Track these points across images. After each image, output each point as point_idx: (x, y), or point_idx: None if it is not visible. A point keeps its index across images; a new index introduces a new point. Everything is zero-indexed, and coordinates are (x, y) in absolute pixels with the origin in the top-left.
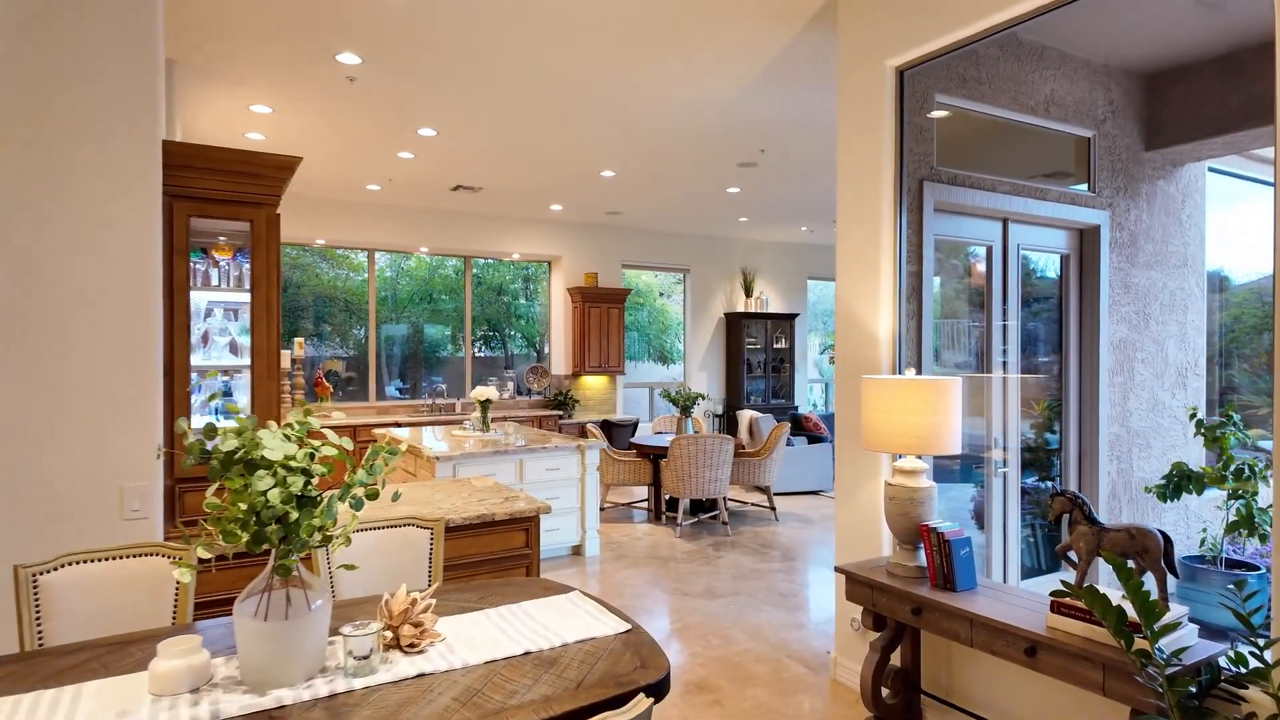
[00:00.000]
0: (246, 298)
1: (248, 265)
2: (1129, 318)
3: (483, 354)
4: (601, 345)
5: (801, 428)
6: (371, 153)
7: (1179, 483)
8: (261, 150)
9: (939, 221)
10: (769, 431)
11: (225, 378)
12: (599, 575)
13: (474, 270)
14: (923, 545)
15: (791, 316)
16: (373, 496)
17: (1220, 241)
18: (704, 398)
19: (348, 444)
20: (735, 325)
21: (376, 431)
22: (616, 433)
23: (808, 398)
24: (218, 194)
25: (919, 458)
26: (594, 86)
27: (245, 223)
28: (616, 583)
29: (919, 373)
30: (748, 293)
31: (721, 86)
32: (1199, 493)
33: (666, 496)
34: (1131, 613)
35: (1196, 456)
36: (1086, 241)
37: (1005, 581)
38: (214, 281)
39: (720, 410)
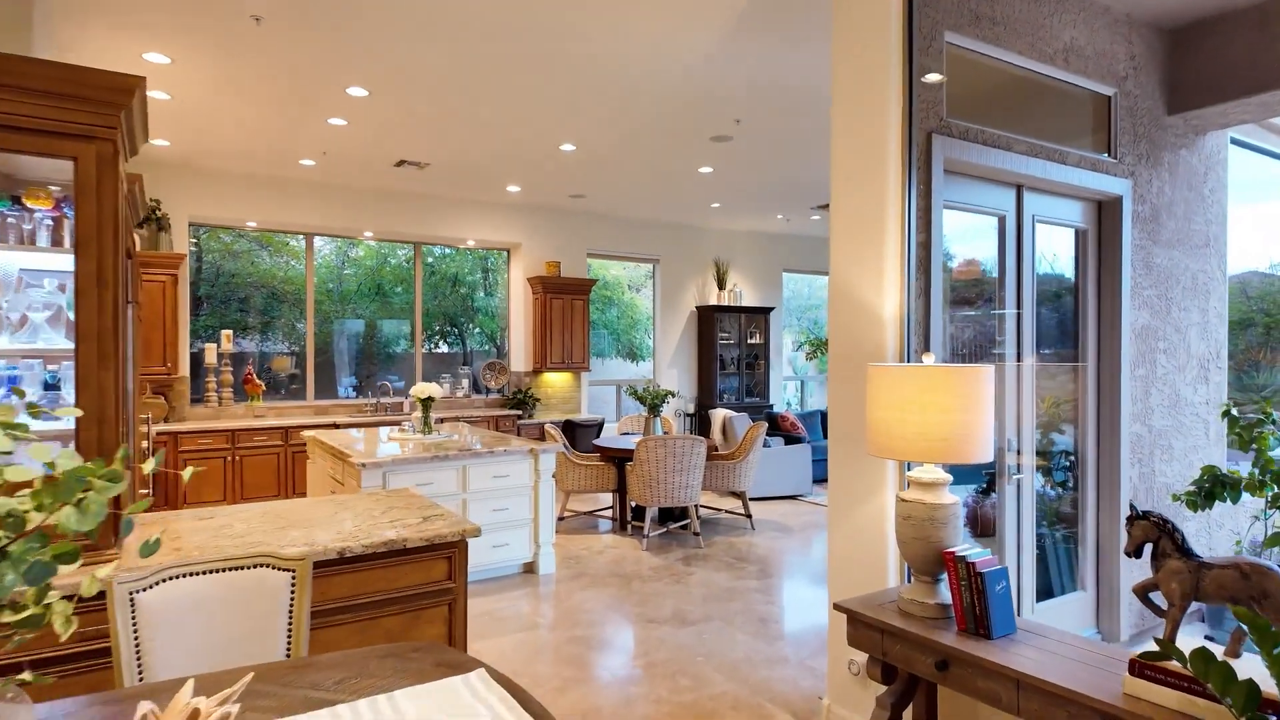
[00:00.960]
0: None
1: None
2: (1150, 302)
3: (440, 350)
4: (564, 339)
5: (778, 428)
6: (298, 118)
7: (1211, 489)
8: (130, 84)
9: (945, 188)
10: (744, 432)
11: (53, 367)
12: (553, 597)
13: (428, 259)
14: (947, 577)
15: (766, 310)
16: (67, 556)
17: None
18: (674, 395)
19: (272, 444)
20: (708, 319)
21: (307, 434)
22: (580, 434)
23: (783, 396)
24: (24, 120)
25: (941, 467)
26: (543, 36)
27: (67, 160)
28: (572, 607)
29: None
30: (720, 285)
31: (691, 39)
32: (1235, 500)
33: (633, 504)
34: (1271, 687)
35: (1219, 458)
36: (1106, 215)
37: (1020, 608)
38: (41, 242)
39: (691, 409)
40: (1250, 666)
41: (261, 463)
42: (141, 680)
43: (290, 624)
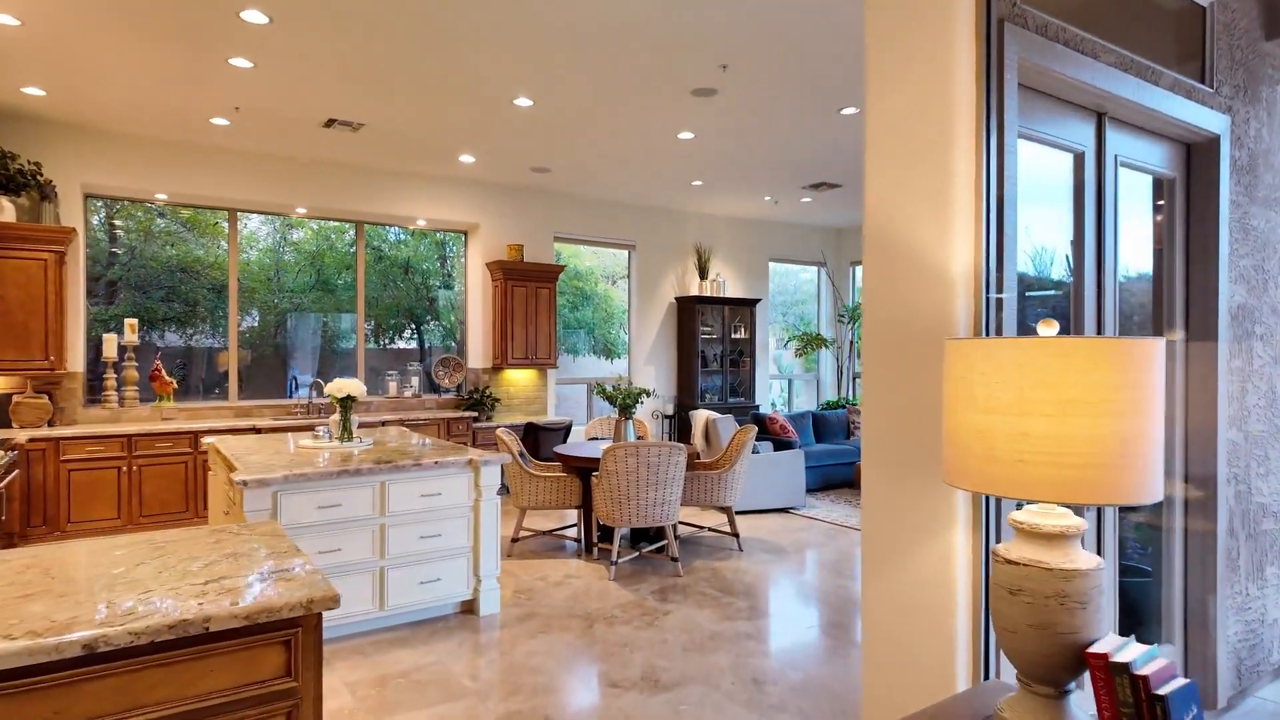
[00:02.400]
0: None
1: None
2: (1246, 275)
3: (396, 346)
4: (528, 332)
5: (766, 431)
6: (192, 57)
7: None
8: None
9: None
10: (730, 437)
11: None
12: (495, 648)
13: (375, 243)
14: (1094, 696)
15: (752, 302)
16: None
17: None
18: (648, 394)
19: None
20: (688, 311)
21: (208, 440)
22: (545, 438)
23: (769, 396)
24: None
25: (1076, 509)
26: None
27: None
28: (516, 663)
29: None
30: (702, 274)
31: None
32: None
33: (600, 523)
34: None
35: None
36: (1198, 160)
37: None
38: None
39: (670, 410)
40: None
41: (165, 474)
42: None
43: None
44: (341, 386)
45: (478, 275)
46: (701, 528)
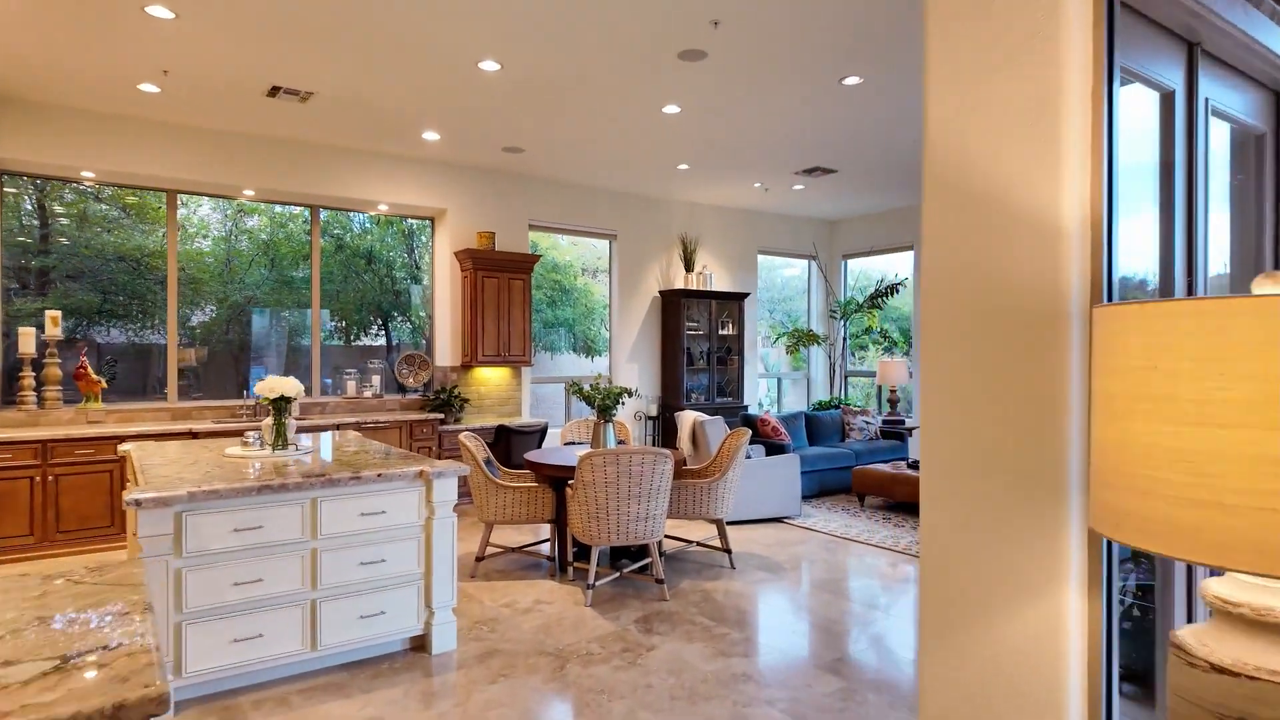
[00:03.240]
0: None
1: None
2: None
3: (361, 343)
4: (500, 327)
5: (757, 434)
6: (102, 2)
7: None
8: None
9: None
10: (720, 441)
11: None
12: (449, 696)
13: (336, 231)
14: None
15: (740, 296)
16: None
17: None
18: (629, 394)
19: None
20: (673, 306)
21: (124, 448)
22: (517, 443)
23: (758, 396)
24: None
25: None
26: None
27: None
28: (471, 716)
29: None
30: (688, 266)
31: None
32: None
33: (575, 543)
34: None
35: None
36: None
37: None
38: None
39: (654, 411)
40: None
41: (86, 484)
42: None
43: None
44: (273, 386)
45: (445, 265)
46: (689, 542)
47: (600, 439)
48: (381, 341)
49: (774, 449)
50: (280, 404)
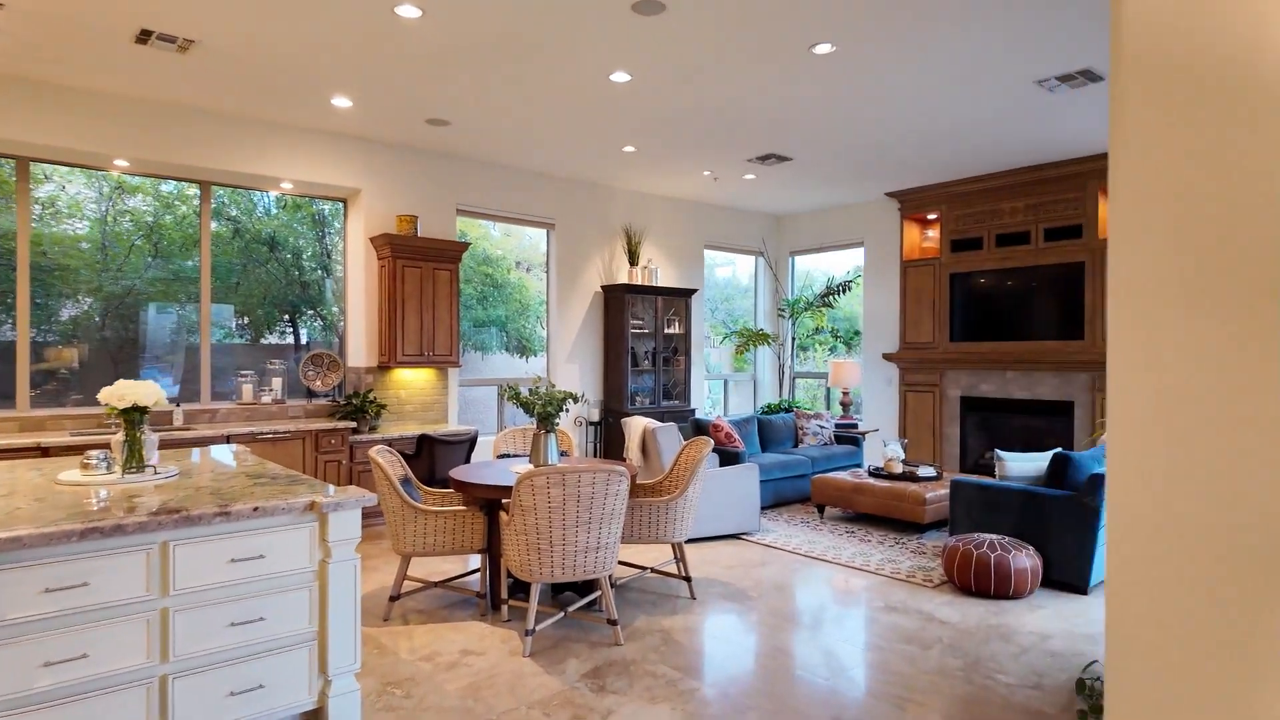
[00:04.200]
0: None
1: None
2: None
3: (269, 341)
4: (424, 323)
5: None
6: None
7: None
8: None
9: None
10: (675, 451)
11: None
12: None
13: (234, 213)
14: None
15: (688, 293)
16: None
17: None
18: (575, 399)
19: None
20: (617, 302)
21: None
22: (443, 454)
23: (705, 398)
24: None
25: None
26: None
27: None
28: None
29: None
30: (633, 260)
31: None
32: None
33: (510, 576)
34: None
35: None
36: None
37: None
38: None
39: (596, 416)
40: None
41: None
42: None
43: None
44: (123, 392)
45: (360, 253)
46: (643, 569)
47: (541, 453)
48: (290, 340)
49: (728, 458)
50: (133, 415)
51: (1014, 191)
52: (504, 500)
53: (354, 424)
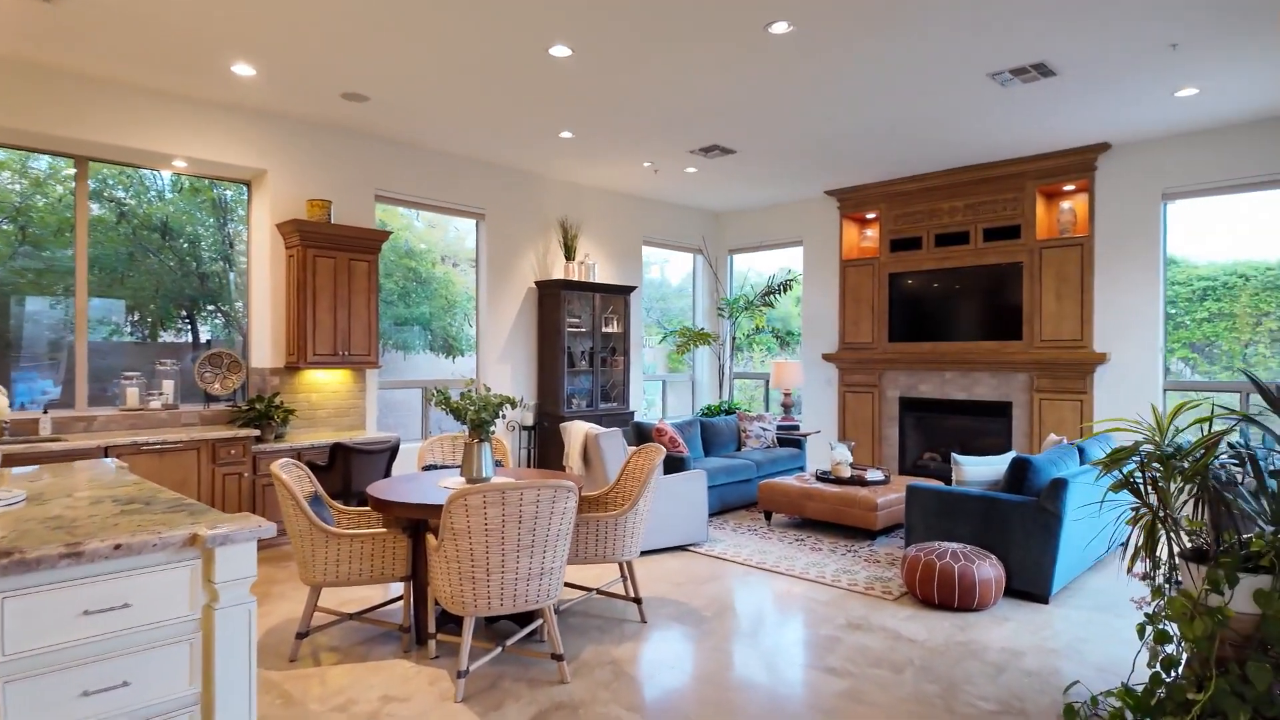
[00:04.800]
0: None
1: None
2: None
3: (166, 339)
4: (339, 320)
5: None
6: None
7: None
8: None
9: None
10: (621, 460)
11: None
12: None
13: (120, 193)
14: None
15: (627, 290)
16: None
17: None
18: (514, 404)
19: None
20: (552, 299)
21: None
22: (360, 466)
23: (644, 401)
24: None
25: None
26: None
27: None
28: None
29: None
30: (569, 255)
31: None
32: None
33: (438, 605)
34: None
35: None
36: None
37: None
38: None
39: (530, 420)
40: None
41: None
42: None
43: None
44: None
45: (265, 241)
46: (588, 590)
47: (474, 465)
48: (188, 338)
49: (673, 464)
50: None
51: (953, 191)
52: (431, 521)
53: (258, 432)
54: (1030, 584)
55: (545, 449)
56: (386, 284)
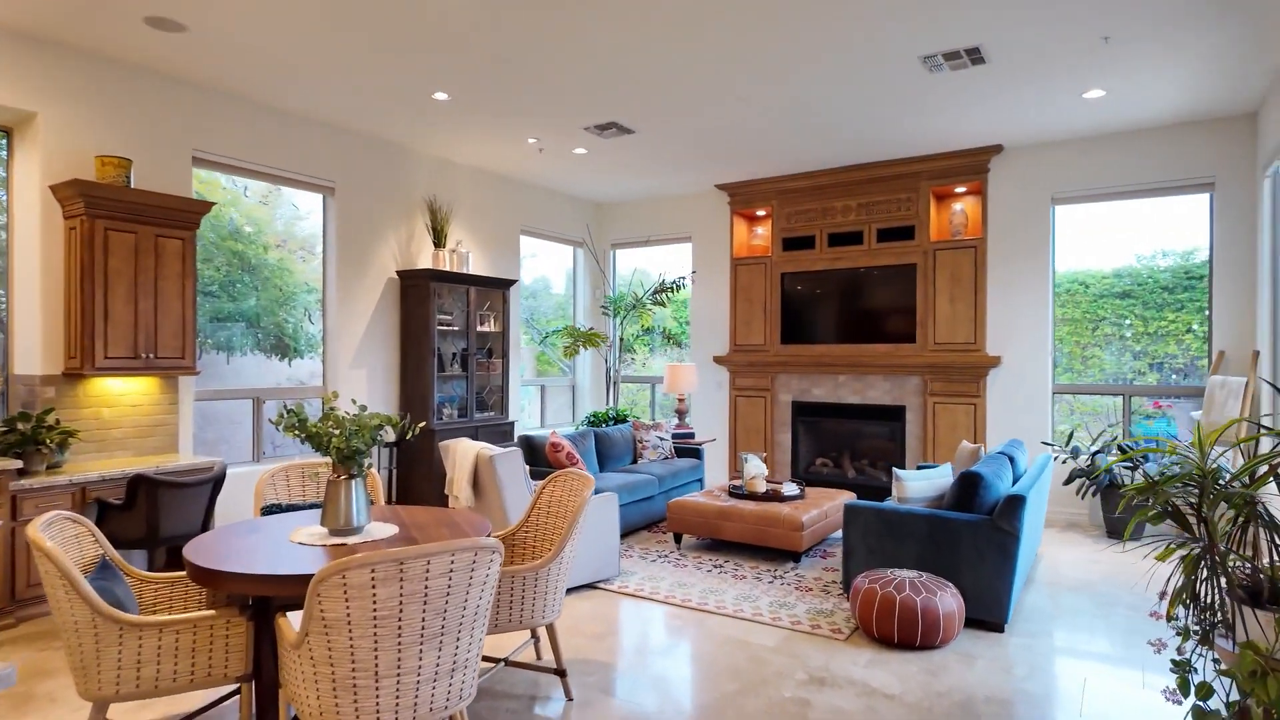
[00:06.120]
0: None
1: None
2: None
3: None
4: (141, 312)
5: (546, 462)
6: None
7: None
8: None
9: None
10: (523, 489)
11: None
12: None
13: None
14: None
15: (506, 284)
16: None
17: None
18: (395, 424)
19: None
20: (419, 292)
21: None
22: (171, 507)
23: (521, 408)
24: None
25: None
26: None
27: None
28: None
29: None
30: (438, 241)
31: None
32: None
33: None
34: None
35: None
36: None
37: None
38: None
39: (392, 437)
40: None
41: None
42: None
43: None
44: None
45: (34, 207)
46: (496, 662)
47: (343, 511)
48: None
49: None
50: None
51: (847, 190)
52: (287, 609)
53: (19, 463)
54: (986, 611)
55: (409, 471)
56: (206, 270)
